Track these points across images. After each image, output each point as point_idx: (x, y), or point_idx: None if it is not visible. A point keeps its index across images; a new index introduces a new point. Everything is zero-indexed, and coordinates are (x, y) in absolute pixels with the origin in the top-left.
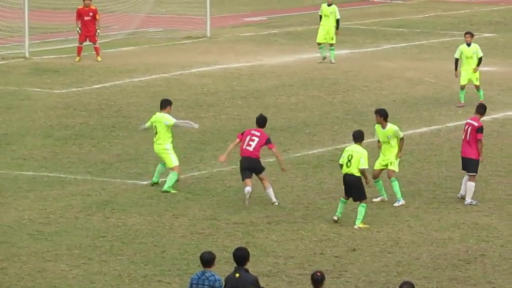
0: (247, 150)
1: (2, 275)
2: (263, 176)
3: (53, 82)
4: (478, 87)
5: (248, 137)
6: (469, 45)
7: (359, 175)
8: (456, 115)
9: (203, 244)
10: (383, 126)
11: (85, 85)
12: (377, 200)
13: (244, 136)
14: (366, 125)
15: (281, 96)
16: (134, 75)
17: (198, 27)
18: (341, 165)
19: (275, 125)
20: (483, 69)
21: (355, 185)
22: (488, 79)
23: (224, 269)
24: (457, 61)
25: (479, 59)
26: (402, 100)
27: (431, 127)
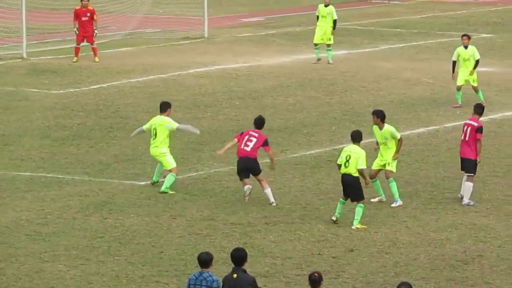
0: (244, 150)
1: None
2: (261, 177)
3: (50, 82)
4: (476, 89)
5: (246, 137)
6: (466, 47)
7: (357, 175)
8: (453, 115)
9: (200, 244)
10: (380, 127)
11: (82, 85)
12: (375, 200)
13: (242, 136)
14: (363, 126)
15: (279, 96)
16: (131, 76)
17: (195, 28)
18: (339, 165)
19: (273, 125)
20: (481, 69)
21: (353, 185)
22: (485, 79)
23: (221, 269)
24: (455, 63)
25: (476, 62)
26: (399, 100)
27: (429, 128)
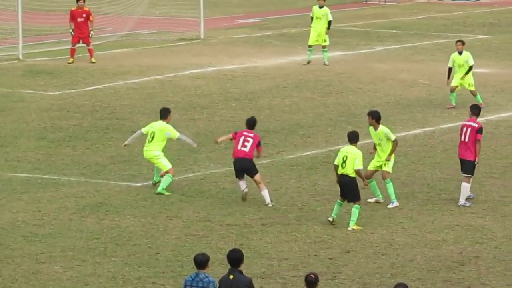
0: (242, 151)
1: None
2: (258, 178)
3: (46, 84)
4: (474, 93)
5: (242, 138)
6: (460, 53)
7: (353, 176)
8: (449, 117)
9: (197, 246)
10: (375, 128)
11: (78, 87)
12: (372, 200)
13: (237, 136)
14: (360, 127)
15: (275, 98)
16: (127, 77)
17: (191, 29)
18: (336, 166)
19: (269, 127)
20: (477, 71)
21: (350, 185)
22: (482, 81)
23: (218, 270)
24: (450, 70)
25: (469, 67)
26: (395, 101)
27: (425, 129)
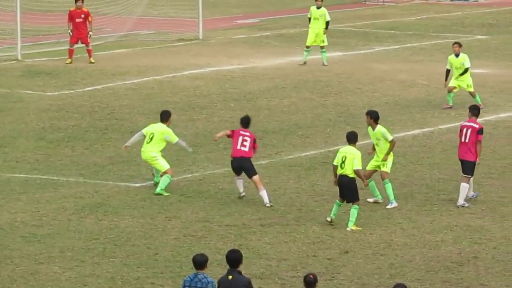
0: (242, 150)
1: None
2: (256, 179)
3: (45, 84)
4: (473, 94)
5: (240, 137)
6: (457, 55)
7: (353, 176)
8: (448, 117)
9: (195, 246)
10: (373, 127)
11: (77, 87)
12: (371, 200)
13: (235, 135)
14: (358, 127)
15: (274, 98)
16: (126, 78)
17: (190, 30)
18: (335, 166)
19: (268, 127)
20: (476, 71)
21: (348, 186)
22: (480, 81)
23: (216, 271)
24: (448, 72)
25: (465, 69)
26: (394, 102)
27: (424, 129)
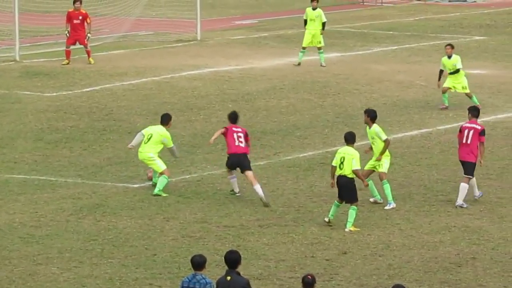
0: (240, 146)
1: None
2: (251, 174)
3: (43, 85)
4: (469, 95)
5: (235, 134)
6: (449, 57)
7: (352, 176)
8: (446, 118)
9: (194, 247)
10: (369, 126)
11: (75, 88)
12: (371, 200)
13: (229, 133)
14: (357, 128)
15: (272, 99)
16: (124, 79)
17: (188, 30)
18: (334, 167)
19: (266, 128)
20: (474, 72)
21: (347, 186)
22: (478, 82)
23: (215, 272)
24: (441, 72)
25: (456, 70)
26: (392, 103)
27: (422, 130)
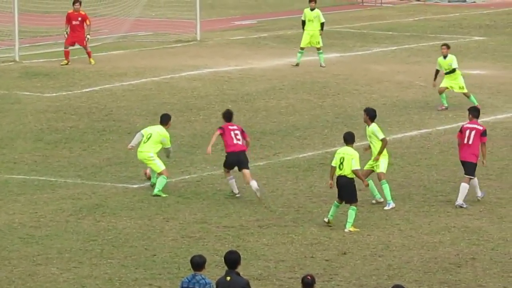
0: (238, 144)
1: None
2: (248, 172)
3: (43, 85)
4: (467, 94)
5: (232, 133)
6: (445, 57)
7: (351, 177)
8: (446, 118)
9: (193, 247)
10: (367, 125)
11: (75, 88)
12: (374, 201)
13: (226, 132)
14: (356, 129)
15: (271, 99)
16: (124, 79)
17: (188, 31)
18: (334, 167)
19: (265, 128)
20: (473, 72)
21: (347, 186)
22: (478, 82)
23: (214, 272)
24: (437, 72)
25: (452, 69)
26: (392, 103)
27: (421, 131)
